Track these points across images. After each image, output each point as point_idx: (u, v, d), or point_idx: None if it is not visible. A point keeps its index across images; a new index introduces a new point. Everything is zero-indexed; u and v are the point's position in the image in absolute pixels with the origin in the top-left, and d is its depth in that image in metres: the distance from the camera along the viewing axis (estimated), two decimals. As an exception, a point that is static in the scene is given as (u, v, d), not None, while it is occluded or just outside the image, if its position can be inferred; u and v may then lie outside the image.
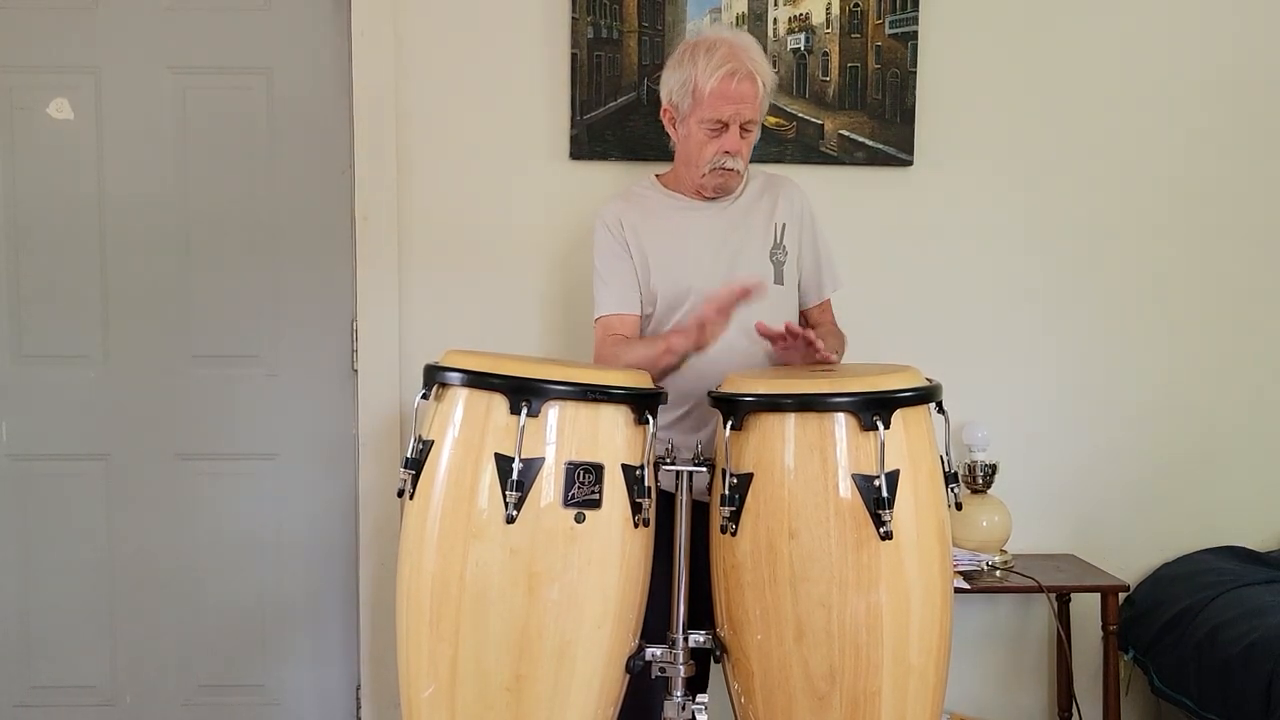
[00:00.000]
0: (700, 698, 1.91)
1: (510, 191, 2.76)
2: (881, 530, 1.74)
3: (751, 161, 2.68)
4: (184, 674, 2.84)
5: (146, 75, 2.74)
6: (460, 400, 1.81)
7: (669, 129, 2.32)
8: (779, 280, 2.30)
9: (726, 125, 2.20)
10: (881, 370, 1.94)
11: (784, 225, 2.32)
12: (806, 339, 2.09)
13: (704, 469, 1.93)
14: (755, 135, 2.28)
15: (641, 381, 1.89)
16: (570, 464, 1.77)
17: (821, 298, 2.41)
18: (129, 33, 2.73)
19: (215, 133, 2.75)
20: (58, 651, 2.82)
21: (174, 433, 2.79)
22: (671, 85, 2.27)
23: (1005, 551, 2.74)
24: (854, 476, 1.77)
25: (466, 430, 1.79)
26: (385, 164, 2.72)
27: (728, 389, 1.90)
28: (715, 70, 2.18)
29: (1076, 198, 2.86)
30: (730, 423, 1.83)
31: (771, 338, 2.10)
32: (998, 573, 2.68)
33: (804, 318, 2.41)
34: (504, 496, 1.73)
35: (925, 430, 1.86)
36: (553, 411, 1.77)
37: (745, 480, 1.82)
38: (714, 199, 2.31)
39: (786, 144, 2.76)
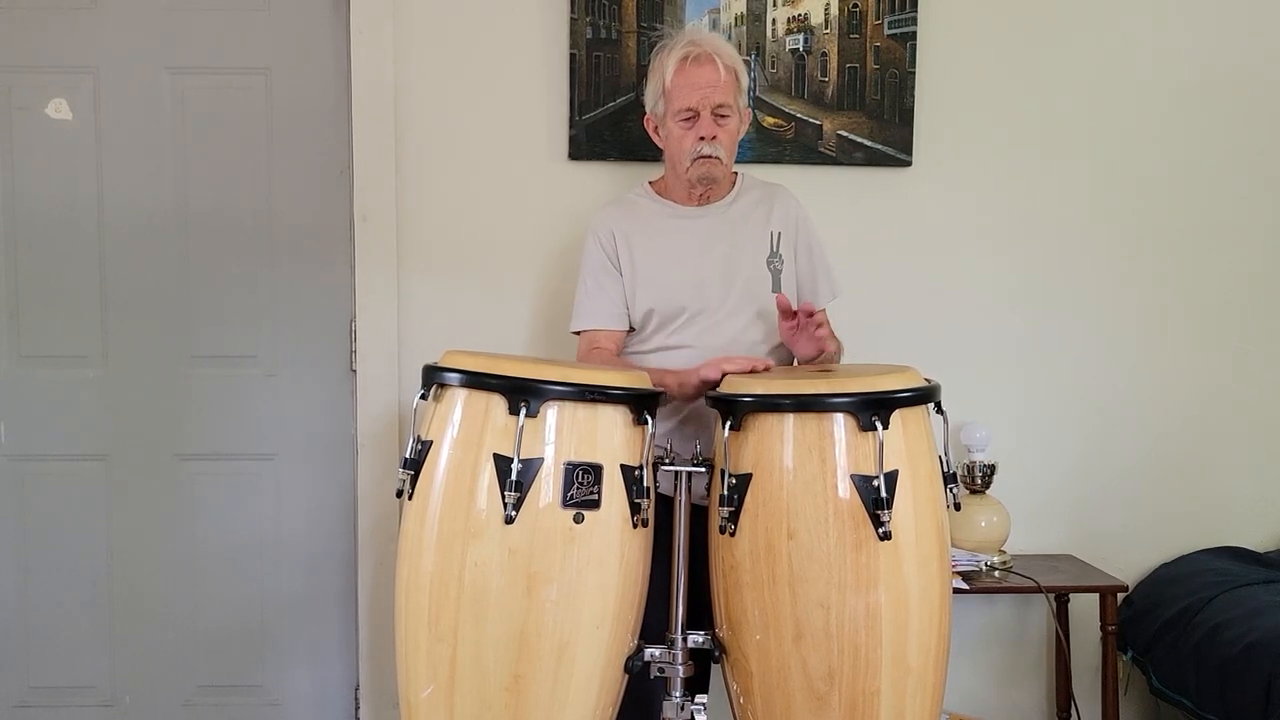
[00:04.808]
0: (699, 698, 1.91)
1: (509, 192, 2.76)
2: (880, 531, 1.74)
3: (750, 162, 2.70)
4: (183, 674, 2.84)
5: (145, 75, 2.74)
6: (459, 400, 1.81)
7: (654, 139, 2.34)
8: (777, 288, 2.29)
9: (698, 112, 2.21)
10: (880, 370, 1.94)
11: (779, 234, 2.31)
12: (816, 323, 2.10)
13: (703, 470, 1.94)
14: (735, 124, 2.26)
15: (640, 382, 1.89)
16: (569, 464, 1.77)
17: (818, 307, 2.37)
18: (128, 33, 2.73)
19: (214, 133, 2.75)
20: (57, 651, 2.82)
21: (173, 433, 2.79)
22: (648, 94, 2.31)
23: (1004, 552, 2.74)
24: (853, 477, 1.77)
25: (465, 430, 1.79)
26: (384, 164, 2.72)
27: (726, 389, 1.90)
28: (674, 61, 2.22)
29: (1076, 198, 2.86)
30: (729, 423, 1.83)
31: (785, 312, 2.13)
32: (996, 573, 2.68)
33: None
34: (503, 497, 1.73)
35: (924, 431, 1.87)
36: (551, 412, 1.77)
37: (744, 480, 1.82)
38: (706, 203, 2.31)
39: (785, 144, 2.76)
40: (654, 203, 2.36)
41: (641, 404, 1.83)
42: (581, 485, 1.77)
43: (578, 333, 2.35)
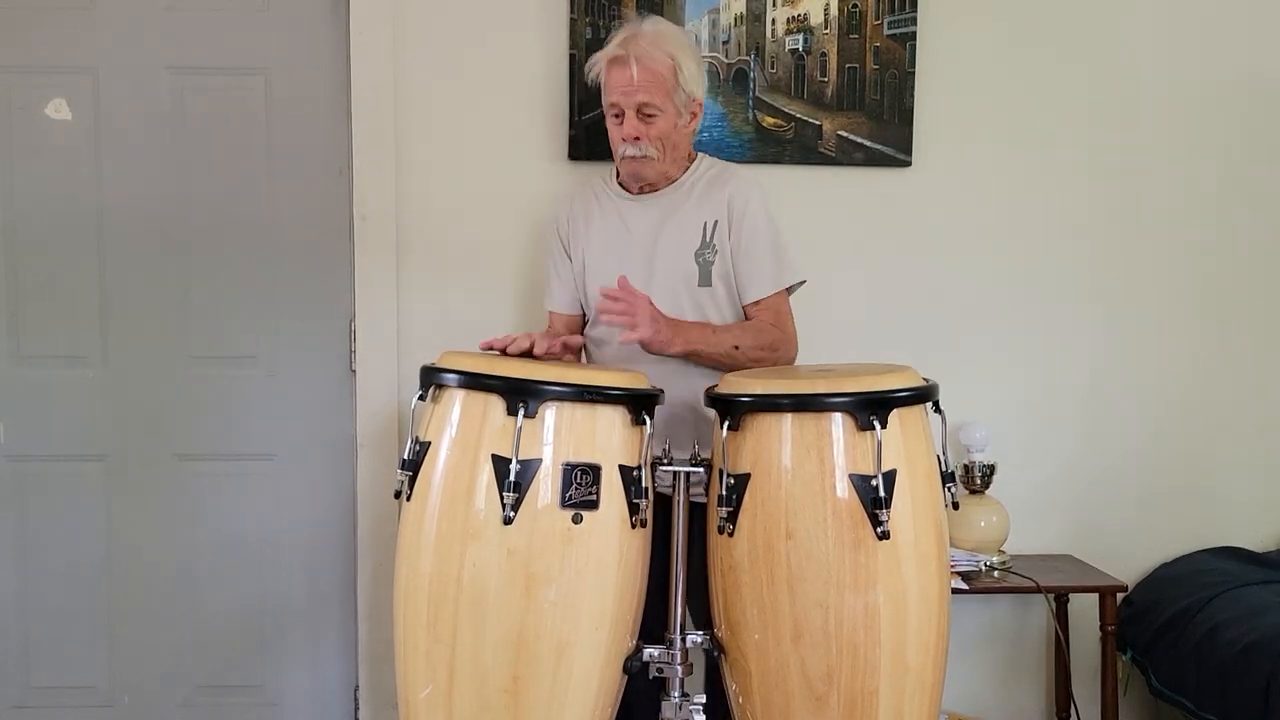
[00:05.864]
0: (698, 698, 1.91)
1: (509, 192, 2.76)
2: (879, 530, 1.74)
3: (750, 162, 2.70)
4: (182, 674, 2.84)
5: (145, 75, 2.74)
6: (457, 401, 1.81)
7: None
8: (705, 282, 2.25)
9: (624, 111, 2.20)
10: (878, 370, 1.94)
11: (715, 223, 2.25)
12: (628, 301, 2.05)
13: (700, 469, 1.93)
14: (668, 121, 2.21)
15: (638, 382, 1.88)
16: (567, 465, 1.77)
17: (747, 299, 2.27)
18: (127, 33, 2.73)
19: (214, 133, 2.75)
20: (56, 652, 2.82)
21: (173, 433, 2.79)
22: None
23: (1003, 552, 2.74)
24: (851, 476, 1.77)
25: (463, 431, 1.79)
26: (384, 164, 2.72)
27: (724, 389, 1.90)
28: (603, 59, 2.23)
29: (1075, 198, 2.86)
30: (727, 423, 1.83)
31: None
32: (995, 573, 2.68)
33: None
34: (501, 498, 1.73)
35: (922, 430, 1.86)
36: (550, 412, 1.77)
37: (742, 480, 1.82)
38: (643, 192, 2.31)
39: (785, 144, 2.76)
40: (606, 189, 2.37)
41: (640, 404, 1.83)
42: (580, 486, 1.77)
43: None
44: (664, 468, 1.93)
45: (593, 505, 1.78)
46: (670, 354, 2.12)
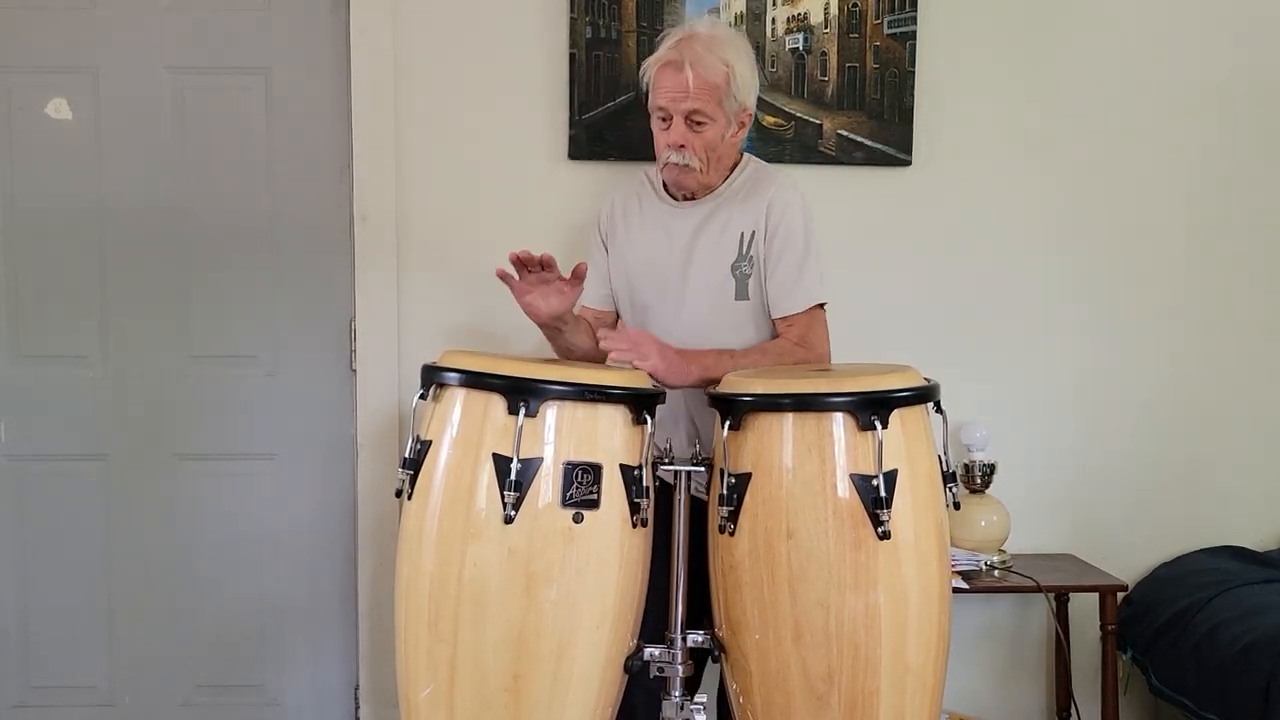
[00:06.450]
0: (699, 697, 1.91)
1: (509, 192, 2.76)
2: (879, 530, 1.74)
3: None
4: (183, 674, 2.84)
5: (145, 75, 2.74)
6: (458, 400, 1.81)
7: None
8: (741, 296, 2.20)
9: (671, 116, 2.14)
10: (879, 370, 1.95)
11: (751, 233, 2.19)
12: (629, 345, 2.00)
13: (702, 469, 1.93)
14: (718, 130, 2.15)
15: (639, 381, 1.89)
16: (568, 464, 1.77)
17: (775, 314, 2.20)
18: (127, 32, 2.73)
19: (214, 133, 2.75)
20: (56, 652, 2.82)
21: (173, 433, 2.79)
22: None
23: (1004, 551, 2.74)
24: (852, 476, 1.77)
25: (464, 430, 1.79)
26: (384, 164, 2.73)
27: (725, 389, 1.90)
28: (655, 60, 2.17)
29: (1075, 197, 2.86)
30: (728, 422, 1.83)
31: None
32: (996, 572, 2.68)
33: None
34: (502, 497, 1.73)
35: (923, 430, 1.86)
36: (551, 411, 1.77)
37: (743, 480, 1.82)
38: (684, 199, 2.26)
39: (785, 144, 2.76)
40: (651, 189, 2.33)
41: (641, 404, 1.83)
42: (581, 485, 1.77)
43: None
44: (665, 467, 1.93)
45: (594, 504, 1.78)
46: (687, 384, 2.06)
